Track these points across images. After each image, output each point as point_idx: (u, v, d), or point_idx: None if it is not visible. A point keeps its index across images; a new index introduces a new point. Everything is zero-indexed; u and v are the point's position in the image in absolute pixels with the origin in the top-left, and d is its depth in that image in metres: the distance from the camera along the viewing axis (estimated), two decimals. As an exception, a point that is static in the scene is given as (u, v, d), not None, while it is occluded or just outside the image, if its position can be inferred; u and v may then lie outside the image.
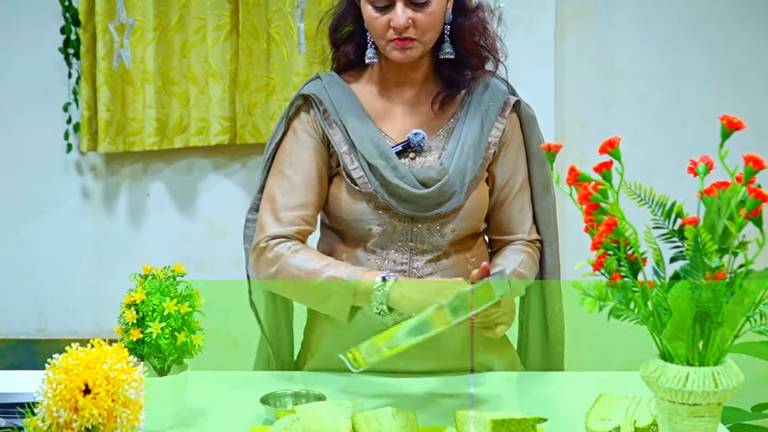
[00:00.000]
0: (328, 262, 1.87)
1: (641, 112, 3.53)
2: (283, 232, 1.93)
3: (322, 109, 1.98)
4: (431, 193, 1.93)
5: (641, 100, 3.53)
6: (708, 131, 3.52)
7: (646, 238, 1.27)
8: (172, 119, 3.54)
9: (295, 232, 1.93)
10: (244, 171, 3.62)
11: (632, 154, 3.41)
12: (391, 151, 1.95)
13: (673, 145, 3.52)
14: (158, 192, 3.65)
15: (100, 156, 3.63)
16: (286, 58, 3.49)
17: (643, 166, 3.49)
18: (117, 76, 3.48)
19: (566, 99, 3.53)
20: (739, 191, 1.23)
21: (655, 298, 1.28)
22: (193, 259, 3.54)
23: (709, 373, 1.24)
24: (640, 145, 3.51)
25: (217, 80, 3.51)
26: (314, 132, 1.98)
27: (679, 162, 3.40)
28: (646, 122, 3.53)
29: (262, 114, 3.53)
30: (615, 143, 1.33)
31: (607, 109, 3.54)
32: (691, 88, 3.51)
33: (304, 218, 1.95)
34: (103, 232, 3.66)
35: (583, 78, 3.52)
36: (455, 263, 2.00)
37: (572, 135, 3.54)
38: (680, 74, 3.51)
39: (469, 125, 1.99)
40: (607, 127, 3.52)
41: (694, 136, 3.50)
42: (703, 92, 3.51)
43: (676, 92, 3.52)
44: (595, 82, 3.53)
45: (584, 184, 1.26)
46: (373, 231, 1.96)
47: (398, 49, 1.90)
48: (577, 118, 3.54)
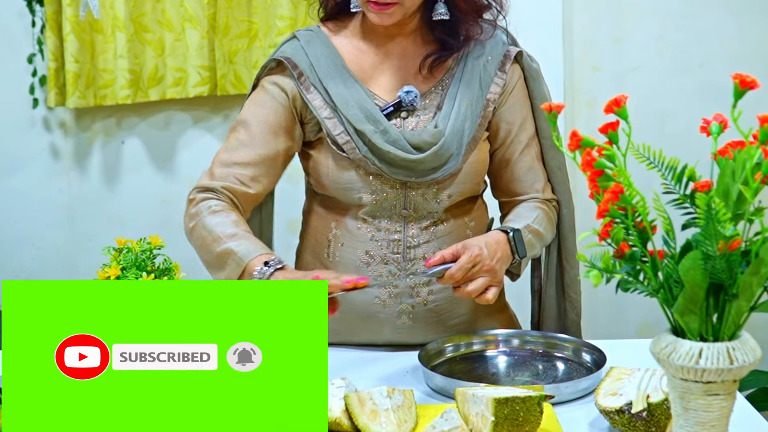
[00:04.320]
0: (235, 232, 1.88)
1: (656, 53, 3.51)
2: (211, 185, 1.96)
3: (297, 73, 1.98)
4: (426, 157, 1.94)
5: (656, 40, 3.51)
6: (729, 74, 3.51)
7: (655, 206, 1.28)
8: (146, 70, 3.52)
9: (223, 187, 1.95)
10: (226, 124, 3.61)
11: (647, 98, 3.49)
12: (379, 114, 1.95)
13: (691, 88, 3.51)
14: (134, 149, 3.64)
15: (69, 111, 3.61)
16: (269, 1, 3.46)
17: (659, 111, 3.49)
18: (85, 24, 3.46)
19: (575, 39, 3.51)
20: (754, 154, 1.24)
21: (665, 269, 1.29)
22: (174, 221, 3.48)
23: (723, 349, 1.26)
24: (655, 88, 3.50)
25: (195, 26, 3.49)
26: (281, 94, 1.98)
27: (697, 107, 3.48)
28: (662, 64, 3.51)
29: (245, 62, 3.51)
30: (621, 102, 1.33)
31: (619, 50, 3.52)
32: (711, 26, 3.49)
33: (237, 176, 1.96)
34: (75, 193, 3.65)
35: (594, 16, 3.50)
36: (453, 229, 2.02)
37: (582, 78, 3.53)
38: (699, 11, 3.48)
39: (467, 81, 1.99)
40: (619, 69, 3.51)
41: (714, 79, 3.46)
42: (723, 31, 3.48)
43: (694, 31, 3.50)
44: (606, 21, 3.51)
45: (588, 150, 1.26)
46: (363, 200, 1.97)
47: (375, 12, 1.90)
48: (587, 60, 3.53)
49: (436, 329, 2.03)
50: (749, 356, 1.27)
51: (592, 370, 1.83)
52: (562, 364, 1.92)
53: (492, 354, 1.97)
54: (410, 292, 2.00)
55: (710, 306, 1.28)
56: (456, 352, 1.96)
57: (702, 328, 1.28)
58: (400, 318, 2.01)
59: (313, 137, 2.01)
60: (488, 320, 2.10)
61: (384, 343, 2.03)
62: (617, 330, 3.49)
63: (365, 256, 2.00)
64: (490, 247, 1.87)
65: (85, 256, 3.62)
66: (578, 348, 1.93)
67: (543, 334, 1.99)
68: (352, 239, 2.01)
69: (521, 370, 1.91)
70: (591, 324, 3.33)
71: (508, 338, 1.99)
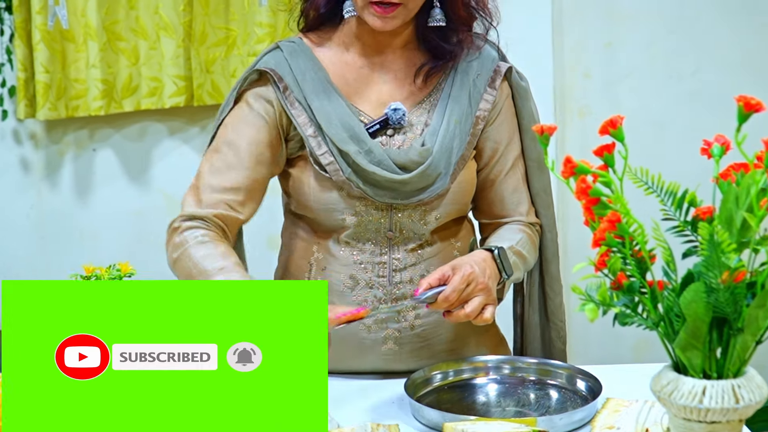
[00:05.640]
0: (222, 266, 1.82)
1: (649, 59, 3.49)
2: (200, 213, 1.90)
3: (282, 86, 1.93)
4: (412, 178, 1.90)
5: (649, 45, 3.49)
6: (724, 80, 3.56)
7: (654, 235, 1.24)
8: (119, 80, 3.48)
9: (215, 216, 1.90)
10: (202, 136, 3.57)
11: (640, 107, 3.46)
12: (364, 133, 1.91)
13: (685, 95, 3.49)
14: (107, 161, 3.60)
15: (39, 123, 3.57)
16: (247, 7, 3.43)
17: (652, 119, 3.47)
18: (56, 33, 3.41)
19: (566, 45, 3.49)
20: (759, 179, 1.21)
21: (666, 301, 1.26)
22: (148, 236, 3.50)
23: (728, 387, 1.23)
24: (648, 96, 3.48)
25: (170, 34, 3.45)
26: (268, 110, 1.93)
27: (692, 114, 3.46)
28: (655, 70, 3.49)
29: (222, 71, 3.48)
30: (617, 123, 1.30)
31: (611, 55, 3.50)
32: (705, 31, 3.47)
33: (228, 203, 1.91)
34: (46, 207, 3.61)
35: (584, 21, 3.48)
36: (440, 251, 1.98)
37: (573, 85, 3.51)
38: (691, 15, 3.46)
39: (456, 98, 1.95)
40: (611, 76, 3.49)
41: (709, 86, 3.47)
42: (716, 35, 3.46)
43: (687, 36, 3.48)
44: (597, 26, 3.48)
45: (583, 177, 1.22)
46: (346, 222, 1.93)
47: (378, 16, 1.85)
48: (577, 67, 3.51)
49: (424, 354, 1.99)
50: (756, 394, 1.24)
51: (588, 399, 1.79)
52: (555, 393, 1.88)
53: (482, 382, 1.92)
54: (396, 316, 1.96)
55: (714, 341, 1.25)
56: (444, 381, 1.92)
57: (705, 365, 1.25)
58: (385, 344, 1.97)
59: (294, 155, 1.96)
60: (478, 342, 2.06)
61: (369, 370, 1.99)
62: (612, 347, 3.45)
63: (349, 281, 1.96)
64: (479, 265, 1.83)
65: (57, 272, 3.57)
66: (572, 375, 1.89)
67: (535, 360, 1.95)
68: (335, 263, 1.96)
69: (512, 399, 1.87)
70: (584, 342, 3.31)
71: (498, 365, 1.94)
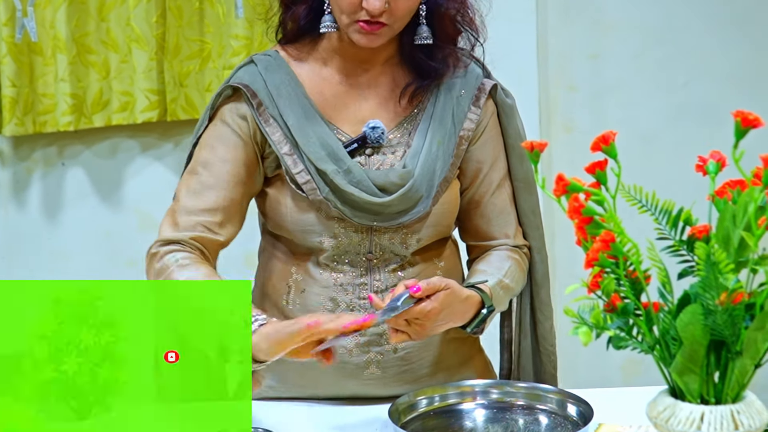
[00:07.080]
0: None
1: (636, 71, 3.50)
2: (177, 237, 1.89)
3: (255, 103, 1.92)
4: (393, 201, 1.89)
5: (636, 57, 3.50)
6: (714, 92, 3.57)
7: (649, 255, 1.23)
8: (90, 94, 3.46)
9: (192, 239, 1.89)
10: (176, 152, 3.56)
11: (627, 120, 3.47)
12: (343, 151, 1.89)
13: (674, 108, 3.50)
14: (77, 179, 3.58)
15: (6, 140, 3.55)
16: (222, 19, 3.42)
17: (640, 133, 3.48)
18: (23, 46, 3.40)
19: (550, 57, 3.49)
20: (757, 197, 1.20)
21: (661, 323, 1.26)
22: (121, 256, 3.48)
23: (727, 413, 1.22)
24: (635, 109, 3.49)
25: (142, 47, 3.43)
26: (242, 128, 1.92)
27: (681, 128, 3.47)
28: (642, 83, 3.50)
29: (196, 85, 3.46)
30: (609, 139, 1.29)
31: (596, 67, 3.50)
32: (693, 42, 3.48)
33: (206, 225, 1.90)
34: (13, 228, 3.59)
35: (569, 32, 3.48)
36: (422, 270, 1.97)
37: (558, 98, 3.51)
38: (680, 26, 3.47)
39: (439, 118, 1.94)
40: (597, 88, 3.49)
41: (698, 98, 3.47)
42: (706, 47, 3.47)
43: (676, 47, 3.49)
44: (582, 37, 3.49)
45: (575, 195, 1.21)
46: (324, 245, 1.92)
47: (363, 33, 1.85)
48: (562, 79, 3.51)
49: (407, 379, 1.98)
50: (756, 420, 1.23)
51: (578, 425, 1.77)
52: (545, 418, 1.86)
53: (469, 407, 1.90)
54: (378, 340, 1.94)
55: (711, 364, 1.25)
56: (430, 406, 1.89)
57: (703, 389, 1.24)
58: (368, 368, 1.96)
59: (271, 173, 1.95)
60: (463, 366, 2.05)
61: (351, 396, 1.98)
62: (600, 368, 3.44)
63: (329, 303, 1.94)
64: (455, 312, 1.83)
65: (26, 295, 3.55)
66: (562, 400, 1.86)
67: (523, 385, 1.93)
68: (315, 285, 1.95)
69: (500, 425, 1.85)
70: (572, 361, 3.30)
71: (486, 389, 1.92)
